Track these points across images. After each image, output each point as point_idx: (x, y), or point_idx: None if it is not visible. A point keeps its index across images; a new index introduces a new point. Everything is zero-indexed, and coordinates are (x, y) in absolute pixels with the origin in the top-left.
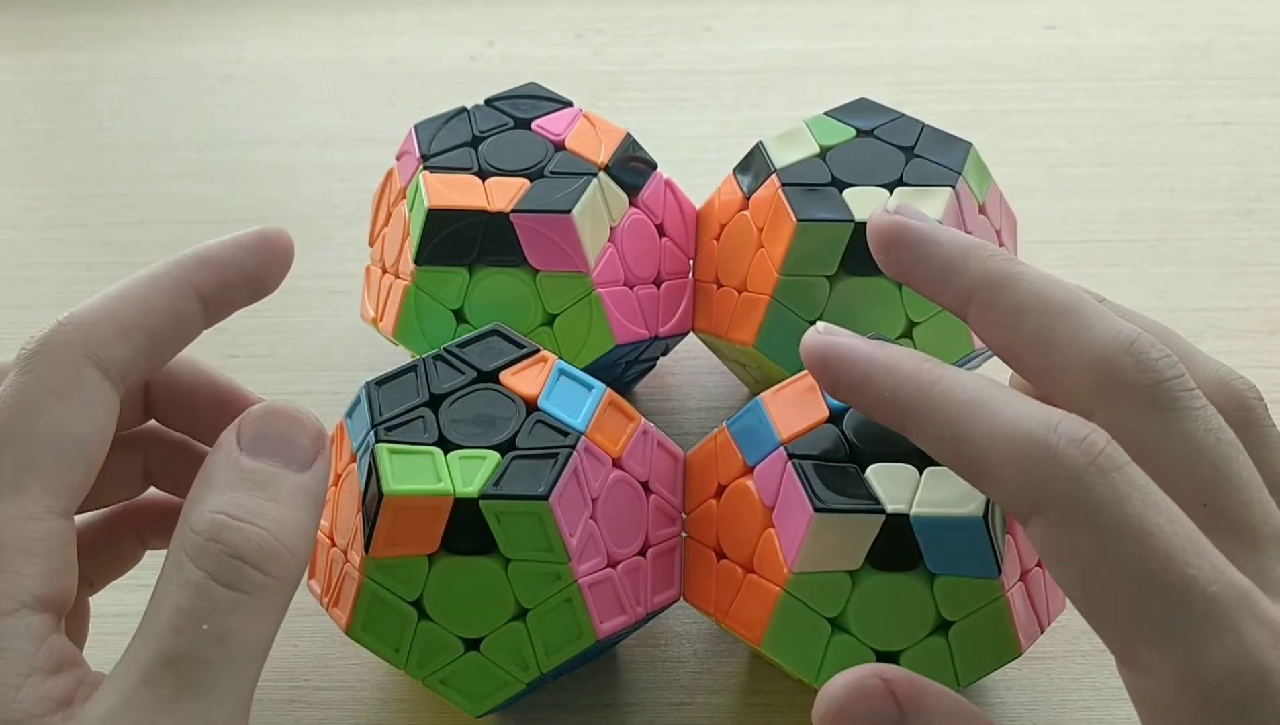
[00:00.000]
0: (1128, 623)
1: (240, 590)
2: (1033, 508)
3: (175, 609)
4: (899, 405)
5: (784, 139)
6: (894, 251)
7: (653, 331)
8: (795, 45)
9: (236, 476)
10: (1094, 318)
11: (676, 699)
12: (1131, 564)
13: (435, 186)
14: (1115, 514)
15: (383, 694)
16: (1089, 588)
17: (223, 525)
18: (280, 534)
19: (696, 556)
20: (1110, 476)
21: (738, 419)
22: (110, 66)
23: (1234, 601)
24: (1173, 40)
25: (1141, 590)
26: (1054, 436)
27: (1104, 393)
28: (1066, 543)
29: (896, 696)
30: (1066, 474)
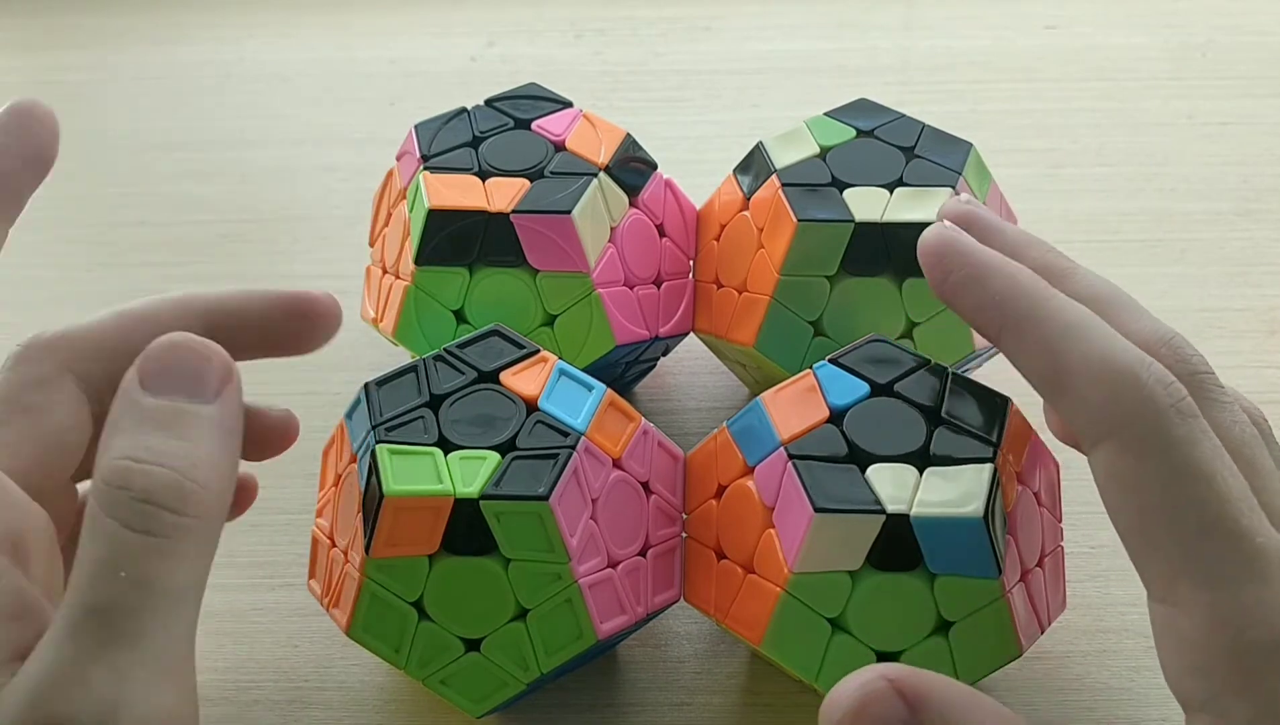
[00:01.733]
0: (1176, 557)
1: (155, 534)
2: (1109, 432)
3: (92, 560)
4: (1006, 310)
5: (784, 139)
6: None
7: (653, 332)
8: (795, 45)
9: (140, 417)
10: (1139, 313)
11: (677, 699)
12: (1192, 502)
13: (435, 187)
14: (1187, 454)
15: (383, 695)
16: (1145, 518)
17: (128, 470)
18: (191, 472)
19: (697, 557)
20: (1189, 421)
21: (738, 419)
22: (110, 66)
23: (1278, 556)
24: (1173, 40)
25: (1196, 528)
26: (1146, 372)
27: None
28: (1134, 471)
29: (904, 695)
30: (1151, 408)
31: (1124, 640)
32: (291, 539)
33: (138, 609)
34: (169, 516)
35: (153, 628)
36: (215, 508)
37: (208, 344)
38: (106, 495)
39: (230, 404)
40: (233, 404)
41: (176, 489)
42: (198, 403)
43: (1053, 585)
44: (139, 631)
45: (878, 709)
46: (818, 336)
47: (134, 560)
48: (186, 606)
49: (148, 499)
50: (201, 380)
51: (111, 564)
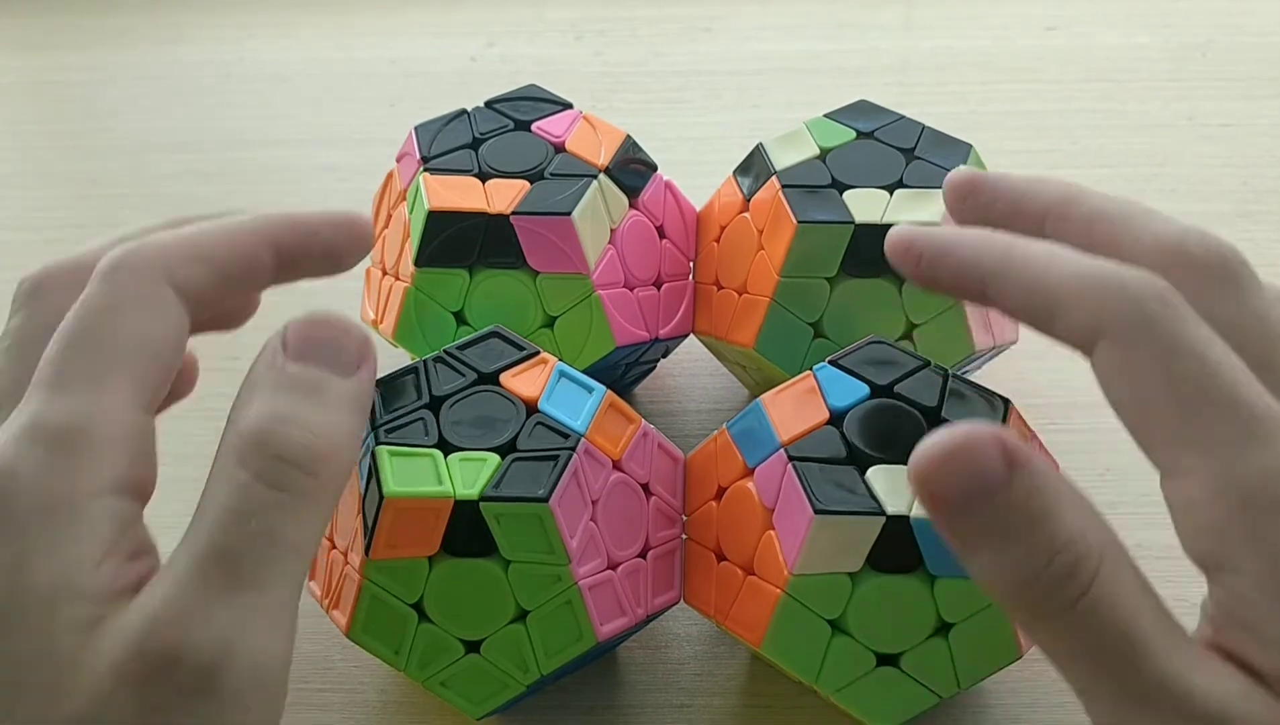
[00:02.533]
0: (1175, 431)
1: (286, 491)
2: (1098, 333)
3: (224, 508)
4: (982, 265)
5: (784, 140)
6: (971, 197)
7: (653, 333)
8: (795, 46)
9: (283, 382)
10: (1154, 218)
11: (677, 701)
12: (1186, 379)
13: (435, 188)
14: (1175, 336)
15: (383, 696)
16: (1143, 402)
17: (268, 430)
18: (325, 438)
19: (697, 558)
20: (1174, 307)
21: (738, 421)
22: (110, 66)
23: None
24: (1173, 40)
25: (1192, 401)
26: (1122, 272)
27: (1175, 271)
28: (1126, 362)
29: (1006, 449)
30: (1134, 301)
31: None
32: None
33: (263, 558)
34: (301, 476)
35: (274, 577)
36: (340, 475)
37: (351, 320)
38: (243, 449)
39: (365, 380)
40: (367, 381)
41: (311, 451)
42: (338, 375)
43: None
44: (264, 580)
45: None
46: (817, 338)
47: (265, 513)
48: (302, 562)
49: (282, 458)
50: (343, 354)
51: (243, 514)
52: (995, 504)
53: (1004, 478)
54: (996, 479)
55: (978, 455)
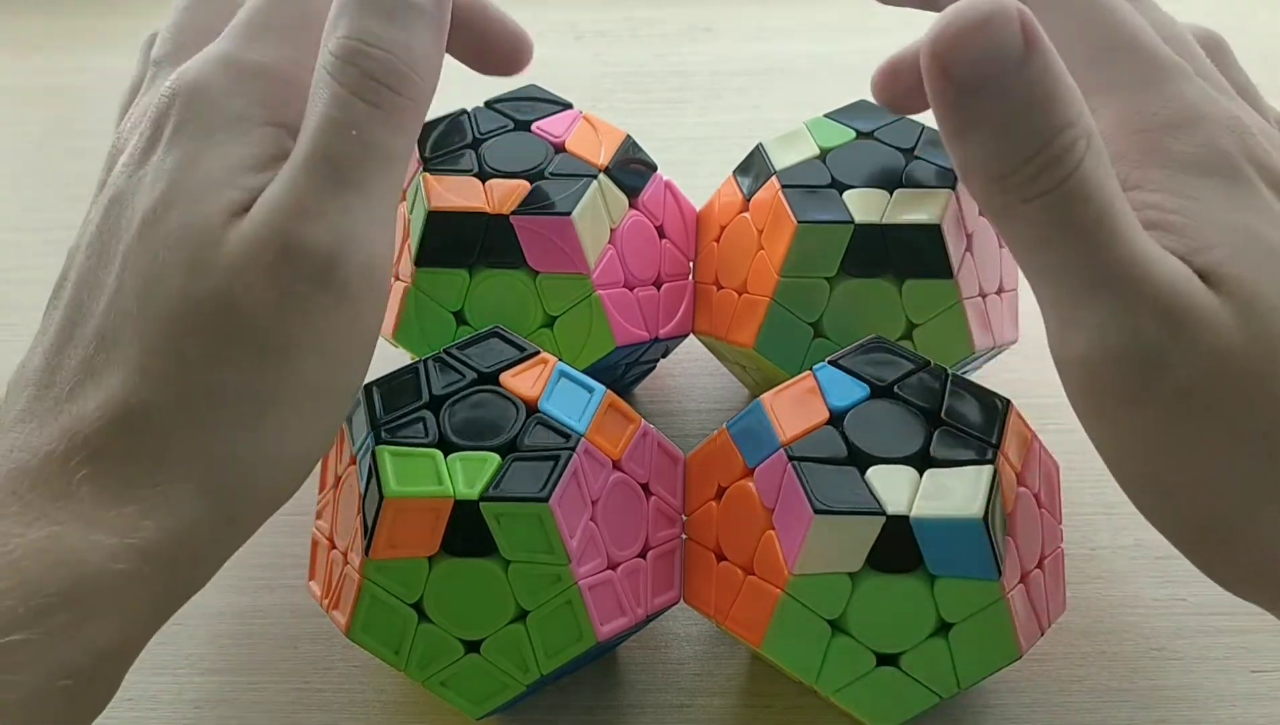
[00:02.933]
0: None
1: (379, 106)
2: None
3: (325, 118)
4: None
5: (784, 140)
6: None
7: (653, 333)
8: (795, 46)
9: (368, 2)
10: None
11: (677, 701)
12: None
13: (435, 188)
14: None
15: (383, 696)
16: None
17: (359, 50)
18: (408, 59)
19: (697, 558)
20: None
21: (738, 421)
22: (110, 68)
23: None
24: None
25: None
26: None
27: None
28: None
29: (1025, 32)
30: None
31: (1123, 641)
32: (291, 540)
33: (365, 162)
34: (389, 94)
35: (377, 180)
36: (425, 94)
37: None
38: (338, 68)
39: (444, 5)
40: (447, 6)
41: (397, 71)
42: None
43: (1052, 587)
44: (366, 181)
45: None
46: (818, 338)
47: (363, 123)
48: (400, 171)
49: (375, 77)
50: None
51: (344, 123)
52: (1008, 81)
53: (1022, 55)
54: (1015, 55)
55: (1001, 29)
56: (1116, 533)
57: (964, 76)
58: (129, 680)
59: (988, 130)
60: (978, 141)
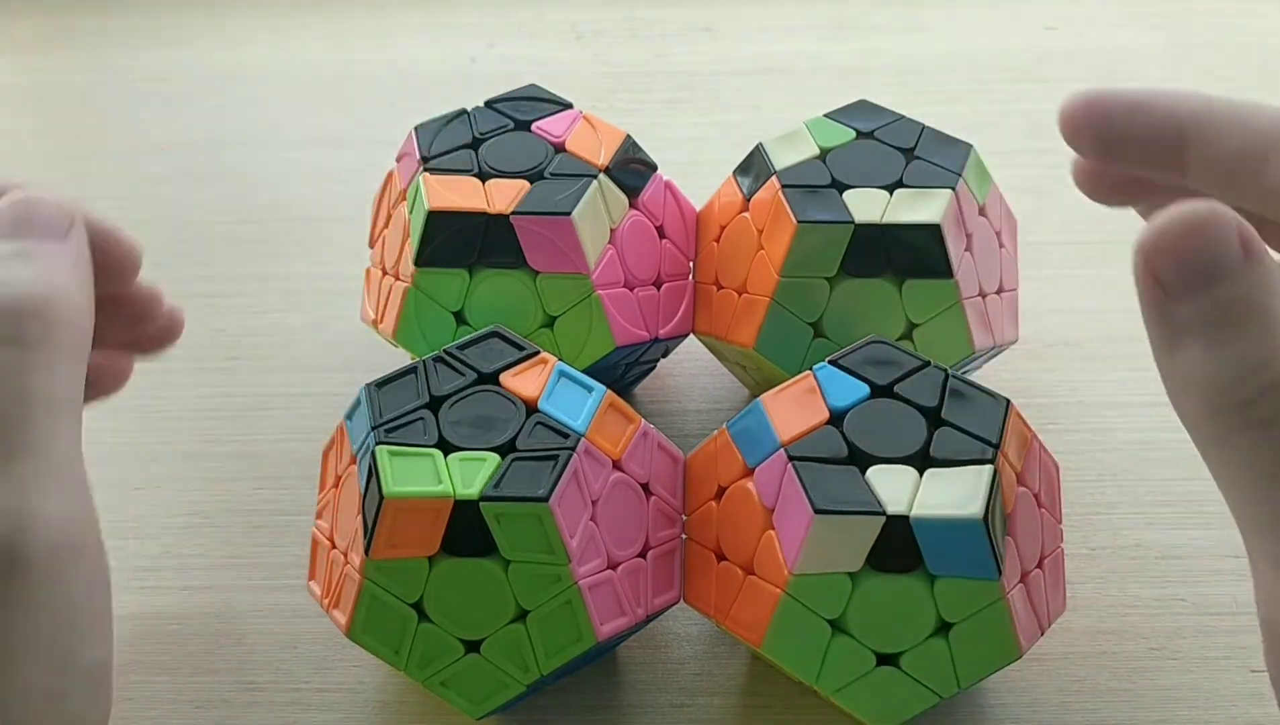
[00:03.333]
0: None
1: (22, 344)
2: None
3: None
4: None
5: (784, 140)
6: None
7: (653, 333)
8: (795, 46)
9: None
10: None
11: (677, 701)
12: None
13: (435, 188)
14: None
15: (383, 696)
16: None
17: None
18: (44, 286)
19: (696, 558)
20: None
21: (738, 421)
22: (110, 68)
23: None
24: (1173, 40)
25: None
26: None
27: None
28: None
29: (1244, 239)
30: None
31: (1124, 642)
32: (291, 540)
33: (24, 420)
34: (30, 323)
35: (42, 436)
36: (76, 323)
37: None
38: None
39: (78, 243)
40: (80, 244)
41: (34, 296)
42: (47, 242)
43: (1052, 587)
44: (30, 441)
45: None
46: (818, 338)
47: (14, 374)
48: (70, 414)
49: (13, 311)
50: (49, 224)
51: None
52: (1224, 290)
53: (1240, 264)
54: (1232, 264)
55: (1217, 235)
56: (1116, 533)
57: (1176, 283)
58: (129, 680)
59: (1201, 343)
60: (1189, 357)
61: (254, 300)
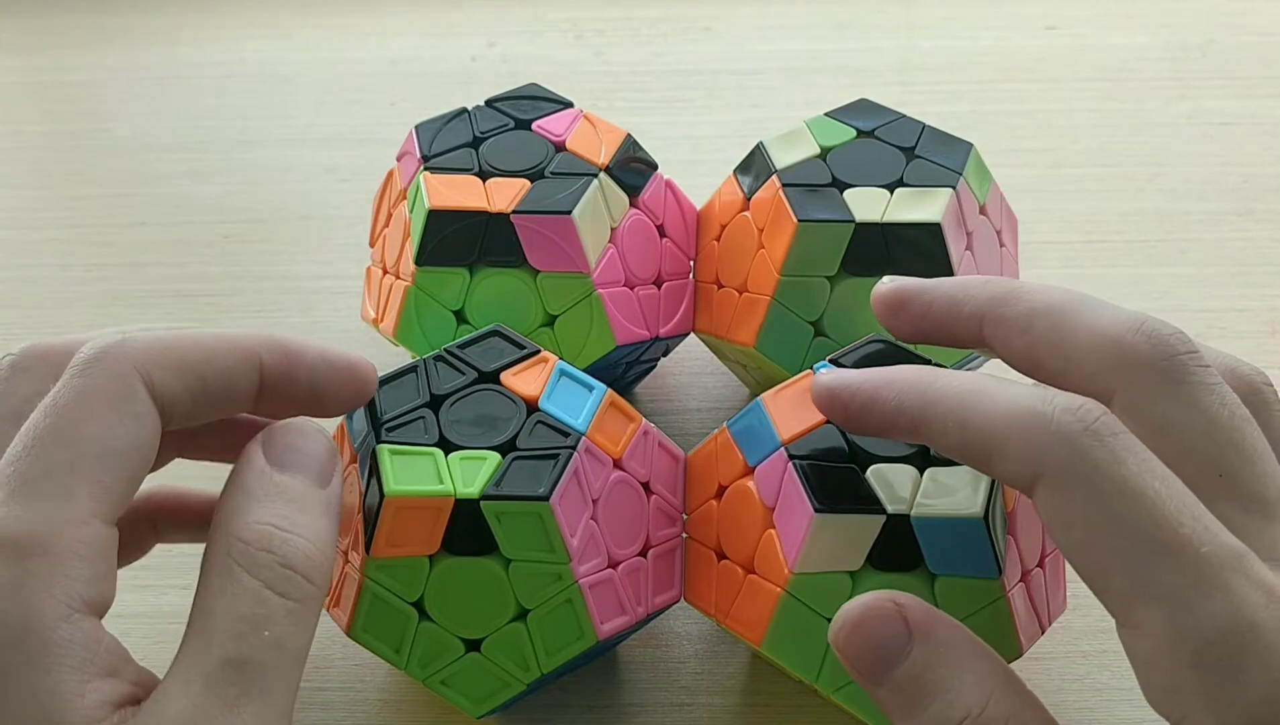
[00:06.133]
0: (1123, 582)
1: (292, 599)
2: (1035, 477)
3: (235, 617)
4: (906, 411)
5: (784, 140)
6: (901, 311)
7: (653, 332)
8: (795, 45)
9: (272, 489)
10: (1101, 307)
11: (677, 700)
12: (1126, 524)
13: (436, 187)
14: (1111, 475)
15: (383, 695)
16: (1088, 551)
17: (272, 537)
18: (318, 545)
19: (697, 557)
20: (1106, 441)
21: (738, 420)
22: (110, 67)
23: (1226, 561)
24: (1173, 40)
25: (1135, 549)
26: (1049, 407)
27: (1119, 372)
28: (1065, 506)
29: (908, 622)
30: (1063, 439)
31: None
32: None
33: (271, 666)
34: (304, 583)
35: (281, 684)
36: (328, 582)
37: (320, 430)
38: (249, 555)
39: (338, 489)
40: (339, 490)
41: (310, 558)
42: (316, 484)
43: (1053, 585)
44: (270, 687)
45: (879, 628)
46: (818, 337)
47: (278, 621)
48: (301, 668)
49: (289, 565)
50: (318, 463)
51: (254, 621)
52: (898, 675)
53: (904, 647)
54: (898, 648)
55: (881, 629)
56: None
57: (864, 674)
58: None
59: (900, 718)
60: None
61: (254, 300)
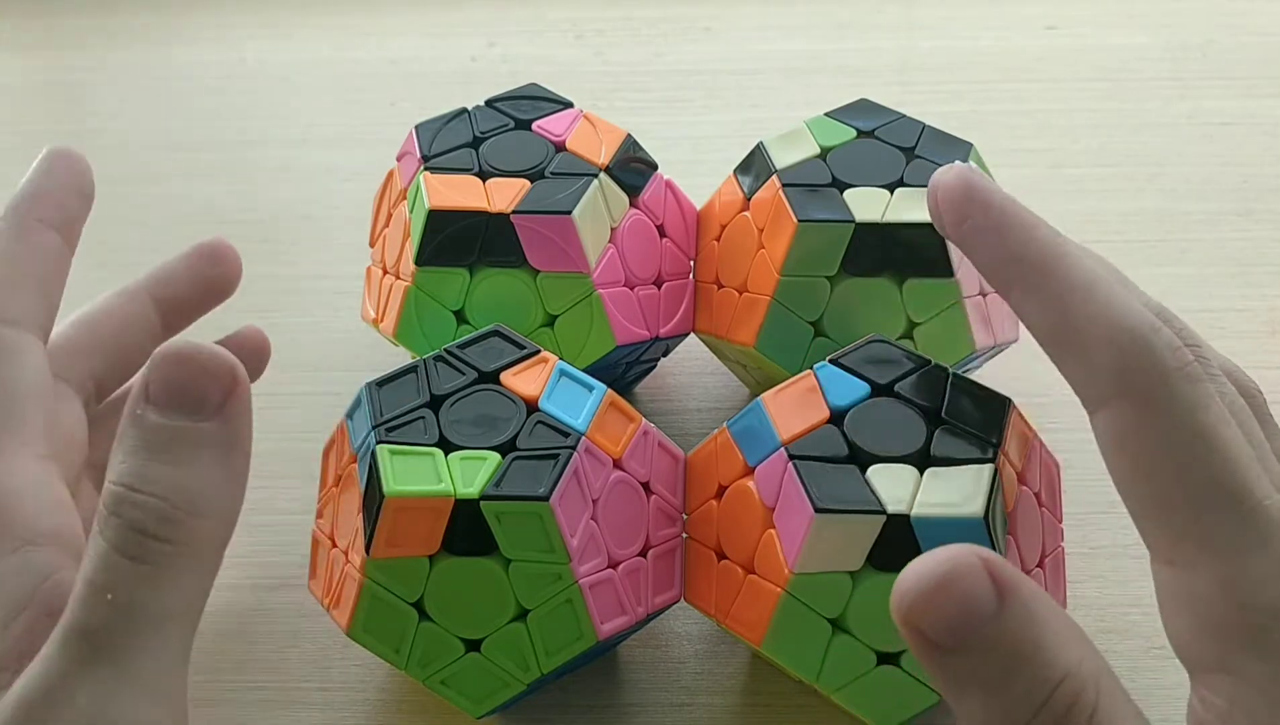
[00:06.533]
0: (1183, 519)
1: (144, 562)
2: (1116, 392)
3: (84, 581)
4: (1022, 264)
5: (784, 140)
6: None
7: (653, 332)
8: (795, 45)
9: (140, 438)
10: (1132, 290)
11: (678, 700)
12: (1197, 464)
13: (436, 187)
14: (1194, 416)
15: (384, 695)
16: (1150, 479)
17: (121, 498)
18: (180, 500)
19: (697, 557)
20: (1197, 385)
21: (738, 420)
22: (110, 67)
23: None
24: (1173, 40)
25: (1201, 489)
26: (1155, 336)
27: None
28: (1140, 432)
29: (995, 579)
30: (1160, 370)
31: (1125, 641)
32: (292, 539)
33: (124, 631)
34: (158, 545)
35: (136, 649)
36: (210, 534)
37: (214, 353)
38: (103, 518)
39: (234, 419)
40: (237, 418)
41: (167, 519)
42: (199, 420)
43: (1053, 586)
44: (126, 654)
45: (968, 585)
46: (818, 337)
47: (124, 585)
48: (176, 629)
49: (138, 528)
50: (204, 395)
51: (101, 587)
52: (986, 639)
53: (995, 609)
54: (988, 609)
55: (968, 587)
56: (1117, 532)
57: (941, 639)
58: None
59: (979, 691)
60: (972, 704)
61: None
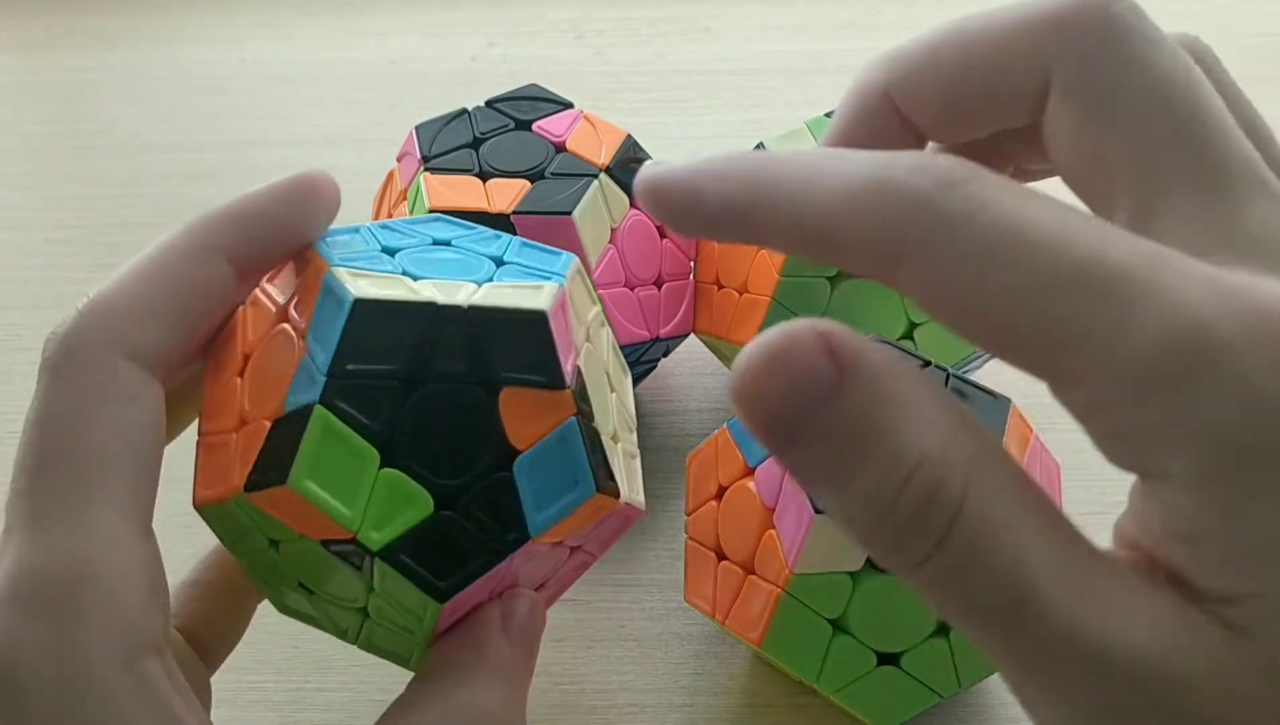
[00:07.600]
0: (1035, 336)
1: None
2: (896, 257)
3: None
4: (735, 209)
5: (784, 140)
6: None
7: (654, 333)
8: (796, 45)
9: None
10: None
11: (677, 700)
12: (1014, 269)
13: (436, 188)
14: (982, 223)
15: (383, 696)
16: (982, 321)
17: None
18: None
19: (697, 557)
20: (962, 188)
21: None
22: (111, 67)
23: (1145, 264)
24: None
25: (1036, 292)
26: (890, 171)
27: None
28: (942, 278)
29: (834, 353)
30: (918, 202)
31: None
32: None
33: None
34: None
35: None
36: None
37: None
38: None
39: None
40: None
41: None
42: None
43: None
44: None
45: (800, 363)
46: None
47: None
48: None
49: None
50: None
51: None
52: (823, 425)
53: (834, 386)
54: (823, 391)
55: (797, 363)
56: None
57: (779, 429)
58: None
59: (828, 488)
60: (826, 499)
61: None
